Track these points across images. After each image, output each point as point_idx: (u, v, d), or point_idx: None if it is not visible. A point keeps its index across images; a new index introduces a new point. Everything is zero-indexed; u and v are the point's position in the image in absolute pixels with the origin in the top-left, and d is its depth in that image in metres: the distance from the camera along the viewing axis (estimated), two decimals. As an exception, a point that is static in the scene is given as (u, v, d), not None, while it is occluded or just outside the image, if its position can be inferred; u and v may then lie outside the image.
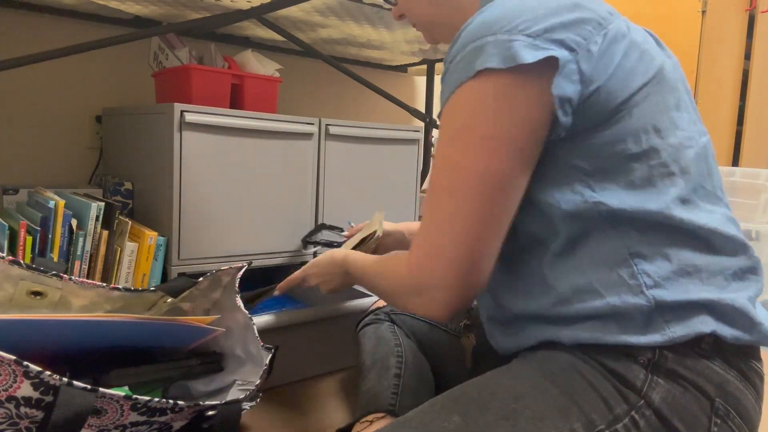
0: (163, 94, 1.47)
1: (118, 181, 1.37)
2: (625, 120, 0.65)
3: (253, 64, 1.48)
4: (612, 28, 0.66)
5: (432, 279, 0.67)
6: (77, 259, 1.10)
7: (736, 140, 3.00)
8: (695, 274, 0.65)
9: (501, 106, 0.63)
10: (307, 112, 2.04)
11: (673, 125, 0.68)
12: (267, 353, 0.91)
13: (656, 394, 0.62)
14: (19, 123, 1.51)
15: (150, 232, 1.17)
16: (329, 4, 1.38)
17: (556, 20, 0.63)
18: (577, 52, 0.63)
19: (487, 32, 0.64)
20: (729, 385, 0.63)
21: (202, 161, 1.23)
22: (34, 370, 0.63)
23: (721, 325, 0.63)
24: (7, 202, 1.32)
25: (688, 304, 0.63)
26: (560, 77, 0.62)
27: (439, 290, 0.67)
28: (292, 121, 1.36)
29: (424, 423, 0.64)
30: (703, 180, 0.69)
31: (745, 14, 2.85)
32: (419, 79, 2.38)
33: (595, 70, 0.64)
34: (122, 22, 1.60)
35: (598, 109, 0.64)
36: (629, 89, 0.66)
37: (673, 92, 0.70)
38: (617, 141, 0.65)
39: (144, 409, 0.70)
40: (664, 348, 0.63)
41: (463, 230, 0.65)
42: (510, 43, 0.62)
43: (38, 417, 0.65)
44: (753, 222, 2.08)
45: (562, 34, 0.63)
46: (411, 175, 1.64)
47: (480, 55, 0.63)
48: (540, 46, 0.62)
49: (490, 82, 0.63)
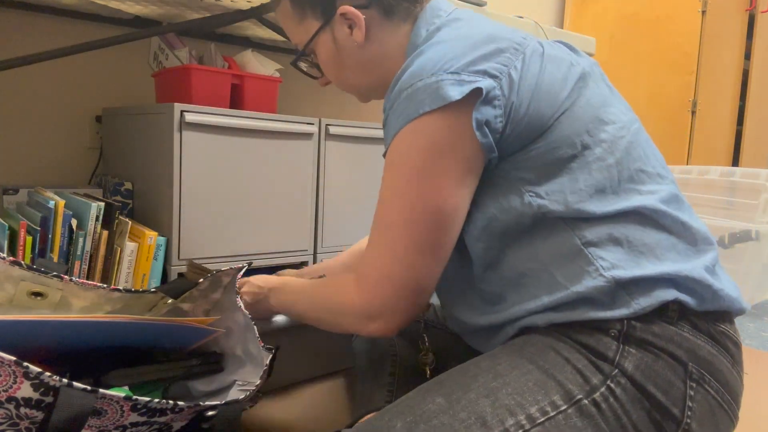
0: (163, 94, 1.47)
1: (118, 181, 1.37)
2: (557, 129, 0.71)
3: (253, 64, 1.48)
4: (528, 51, 0.72)
5: (386, 304, 0.73)
6: (77, 259, 1.10)
7: (736, 140, 3.00)
8: (648, 252, 0.69)
9: (439, 145, 0.69)
10: (307, 112, 2.04)
11: (601, 122, 0.73)
12: (267, 354, 0.91)
13: (629, 362, 0.65)
14: (19, 123, 1.51)
15: (150, 232, 1.17)
16: (329, 4, 1.38)
17: (476, 54, 0.70)
18: (500, 79, 0.69)
19: (416, 79, 0.70)
20: (701, 350, 0.66)
21: (202, 161, 1.23)
22: (34, 371, 0.63)
23: (683, 295, 0.67)
24: (7, 202, 1.32)
25: (647, 278, 0.67)
26: (481, 103, 0.68)
27: (392, 314, 0.73)
28: (292, 121, 1.36)
29: (410, 406, 0.67)
30: (641, 164, 0.74)
31: (745, 14, 2.85)
32: (419, 79, 2.38)
33: (519, 93, 0.69)
34: (122, 22, 1.60)
35: (529, 126, 0.70)
36: (556, 100, 0.71)
37: (597, 90, 0.75)
38: (553, 148, 0.71)
39: (144, 409, 0.70)
40: (632, 319, 0.66)
41: (415, 259, 0.71)
42: (437, 84, 0.68)
43: (38, 418, 0.65)
44: (753, 222, 2.08)
45: (483, 65, 0.69)
46: (411, 175, 1.64)
47: (413, 102, 0.69)
48: (465, 80, 0.68)
49: (426, 124, 0.69)
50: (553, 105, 0.71)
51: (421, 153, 0.70)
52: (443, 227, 0.71)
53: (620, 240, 0.69)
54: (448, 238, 0.73)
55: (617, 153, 0.72)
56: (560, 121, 0.71)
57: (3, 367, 0.62)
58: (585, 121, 0.72)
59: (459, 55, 0.70)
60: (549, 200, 0.71)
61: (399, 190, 0.72)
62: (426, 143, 0.70)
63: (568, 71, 0.74)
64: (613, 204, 0.70)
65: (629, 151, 0.73)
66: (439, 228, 0.71)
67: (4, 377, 0.63)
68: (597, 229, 0.70)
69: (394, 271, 0.72)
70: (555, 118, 0.71)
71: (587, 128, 0.72)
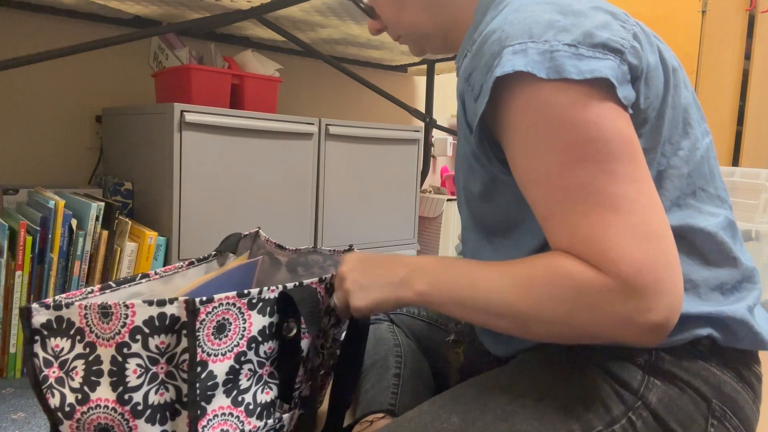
0: (163, 94, 1.47)
1: (118, 181, 1.37)
2: (649, 124, 0.62)
3: (253, 64, 1.48)
4: (636, 29, 0.63)
5: (664, 274, 0.53)
6: (77, 259, 1.10)
7: (736, 140, 3.00)
8: (692, 289, 0.64)
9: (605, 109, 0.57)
10: (307, 112, 2.04)
11: (688, 125, 0.66)
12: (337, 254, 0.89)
13: (653, 395, 0.62)
14: (19, 123, 1.51)
15: (150, 232, 1.17)
16: (329, 4, 1.38)
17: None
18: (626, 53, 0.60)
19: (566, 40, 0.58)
20: (726, 386, 0.63)
21: (202, 161, 1.23)
22: (254, 294, 0.62)
23: (718, 331, 0.63)
24: (7, 202, 1.31)
25: (686, 316, 0.63)
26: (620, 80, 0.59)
27: (673, 283, 0.53)
28: (292, 121, 1.36)
29: (423, 424, 0.64)
30: (704, 182, 0.68)
31: (745, 14, 2.85)
32: (419, 79, 2.38)
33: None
34: (122, 22, 1.60)
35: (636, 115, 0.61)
36: (659, 90, 0.63)
37: (685, 91, 0.68)
38: (648, 150, 0.62)
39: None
40: (661, 350, 0.63)
41: (648, 200, 0.56)
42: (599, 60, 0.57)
43: (275, 349, 0.65)
44: (753, 222, 2.08)
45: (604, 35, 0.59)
46: (411, 175, 1.64)
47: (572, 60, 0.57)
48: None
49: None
50: (658, 94, 0.62)
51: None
52: (634, 154, 0.57)
53: None
54: (643, 167, 0.58)
55: (692, 164, 0.66)
56: (656, 116, 0.63)
57: (229, 308, 0.61)
58: (674, 121, 0.65)
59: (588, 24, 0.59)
60: None
61: (588, 116, 0.56)
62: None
63: (666, 62, 0.65)
64: (671, 217, 0.63)
65: (700, 164, 0.67)
66: (632, 157, 0.57)
67: (234, 323, 0.62)
68: None
69: (659, 228, 0.54)
70: (656, 110, 0.62)
71: (672, 131, 0.65)
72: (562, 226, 0.57)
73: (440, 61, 2.05)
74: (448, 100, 2.47)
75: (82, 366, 0.56)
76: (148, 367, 0.56)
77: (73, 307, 0.56)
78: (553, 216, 0.58)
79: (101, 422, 0.56)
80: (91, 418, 0.56)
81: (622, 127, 0.57)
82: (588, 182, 0.56)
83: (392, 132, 1.56)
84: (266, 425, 0.65)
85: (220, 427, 0.60)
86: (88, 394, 0.55)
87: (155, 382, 0.57)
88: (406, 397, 0.90)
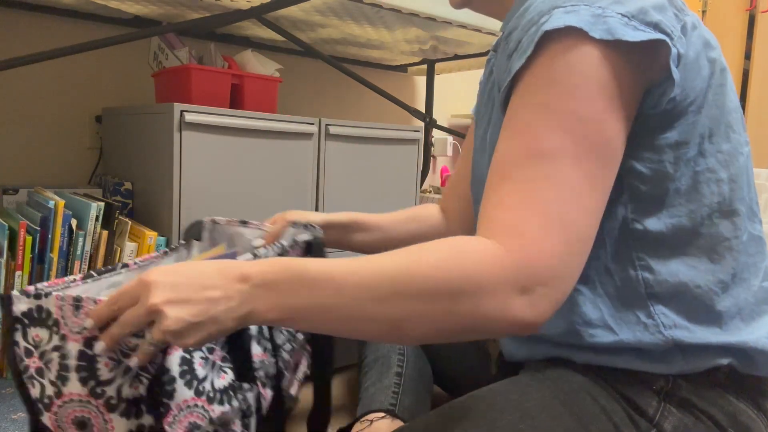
0: (163, 94, 1.47)
1: (118, 181, 1.37)
2: (688, 120, 0.60)
3: (253, 64, 1.47)
4: (688, 20, 0.61)
5: (554, 264, 0.51)
6: (77, 259, 1.10)
7: (736, 140, 2.99)
8: (714, 321, 0.62)
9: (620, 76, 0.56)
10: (307, 112, 2.04)
11: (730, 128, 0.64)
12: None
13: (668, 423, 0.61)
14: (19, 123, 1.51)
15: (150, 232, 1.17)
16: (329, 3, 1.38)
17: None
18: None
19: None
20: (741, 415, 0.62)
21: (202, 161, 1.23)
22: None
23: (738, 360, 0.62)
24: (7, 202, 1.31)
25: (708, 346, 0.62)
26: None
27: (559, 281, 0.51)
28: (292, 121, 1.36)
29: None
30: (742, 193, 0.65)
31: (745, 14, 2.85)
32: (419, 79, 2.38)
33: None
34: (122, 22, 1.60)
35: (671, 110, 0.60)
36: (702, 84, 0.61)
37: (732, 94, 0.65)
38: (681, 142, 0.60)
39: None
40: (679, 377, 0.62)
41: (591, 201, 0.54)
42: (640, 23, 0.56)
43: None
44: (753, 222, 2.07)
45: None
46: (411, 175, 1.64)
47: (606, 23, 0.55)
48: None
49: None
50: (696, 88, 0.60)
51: (603, 75, 0.55)
52: (611, 165, 0.56)
53: (685, 292, 0.61)
54: (610, 182, 0.57)
55: (732, 169, 0.63)
56: (694, 110, 0.60)
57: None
58: (716, 120, 0.62)
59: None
60: (639, 219, 0.61)
61: (570, 106, 0.54)
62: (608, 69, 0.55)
63: (708, 55, 0.62)
64: (711, 225, 0.62)
65: (740, 173, 0.64)
66: (607, 165, 0.55)
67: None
68: (666, 265, 0.61)
69: (568, 213, 0.52)
70: (695, 104, 0.60)
71: (714, 130, 0.62)
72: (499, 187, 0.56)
73: (440, 61, 2.05)
74: (448, 100, 2.47)
75: (57, 359, 0.55)
76: (120, 360, 0.55)
77: (51, 297, 0.55)
78: (495, 174, 0.57)
79: (77, 415, 0.55)
80: (68, 411, 0.55)
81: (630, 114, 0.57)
82: (561, 150, 0.54)
83: (392, 132, 1.56)
84: (233, 409, 0.65)
85: (188, 420, 0.60)
86: (60, 388, 0.55)
87: (128, 375, 0.56)
88: (406, 397, 0.90)
